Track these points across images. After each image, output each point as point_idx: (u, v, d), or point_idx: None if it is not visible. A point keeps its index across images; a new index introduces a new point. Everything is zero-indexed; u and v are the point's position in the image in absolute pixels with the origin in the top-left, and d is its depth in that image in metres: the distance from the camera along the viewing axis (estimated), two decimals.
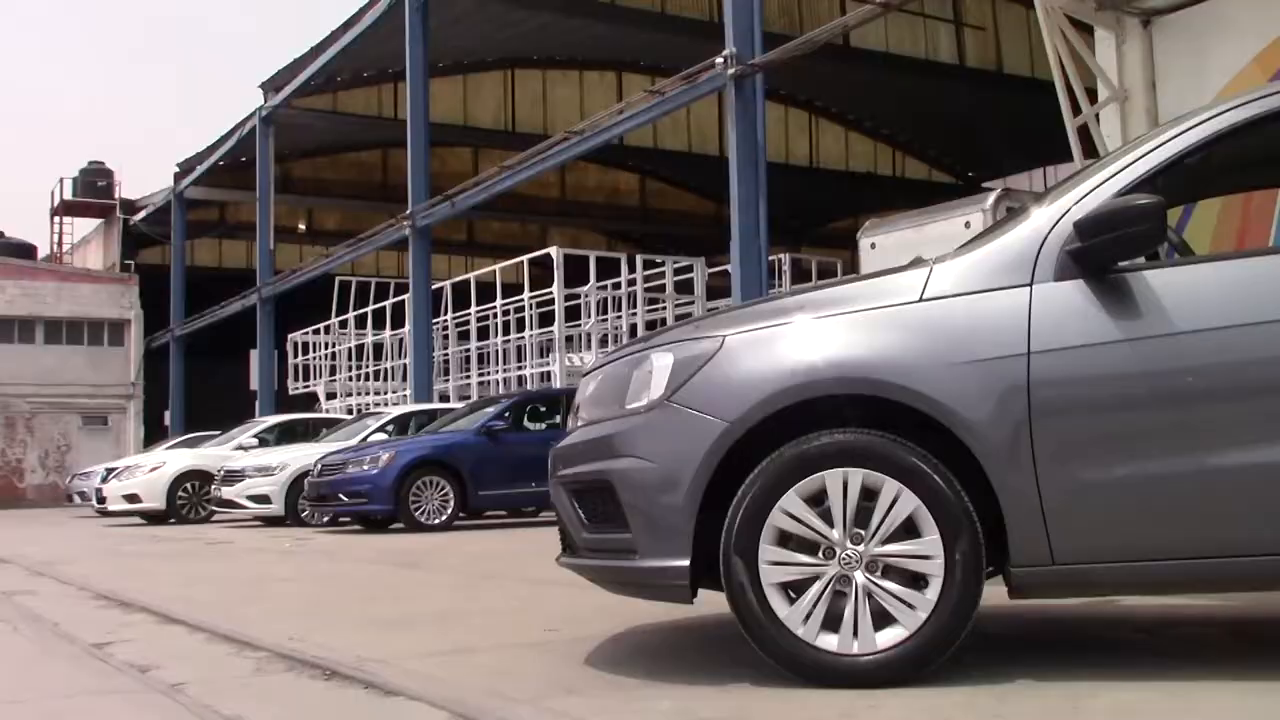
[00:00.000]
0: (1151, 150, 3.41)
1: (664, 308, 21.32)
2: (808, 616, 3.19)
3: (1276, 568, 3.14)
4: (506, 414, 13.72)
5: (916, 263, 3.59)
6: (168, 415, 34.74)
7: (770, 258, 15.79)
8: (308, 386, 29.81)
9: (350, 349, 28.19)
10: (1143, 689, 3.11)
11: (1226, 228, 8.06)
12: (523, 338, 22.42)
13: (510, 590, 6.51)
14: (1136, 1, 9.04)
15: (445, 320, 24.85)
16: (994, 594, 3.35)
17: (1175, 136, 3.42)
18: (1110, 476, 3.15)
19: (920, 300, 3.34)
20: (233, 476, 15.43)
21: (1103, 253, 3.22)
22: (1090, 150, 9.04)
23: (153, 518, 17.67)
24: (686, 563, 3.30)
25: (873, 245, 9.85)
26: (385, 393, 26.89)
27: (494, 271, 22.53)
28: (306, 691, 3.61)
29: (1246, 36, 8.36)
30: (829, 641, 3.18)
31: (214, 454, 17.89)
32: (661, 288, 21.37)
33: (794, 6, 28.48)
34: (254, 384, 30.63)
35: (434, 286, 23.24)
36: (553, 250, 20.57)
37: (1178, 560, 3.17)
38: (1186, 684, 3.17)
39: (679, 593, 3.36)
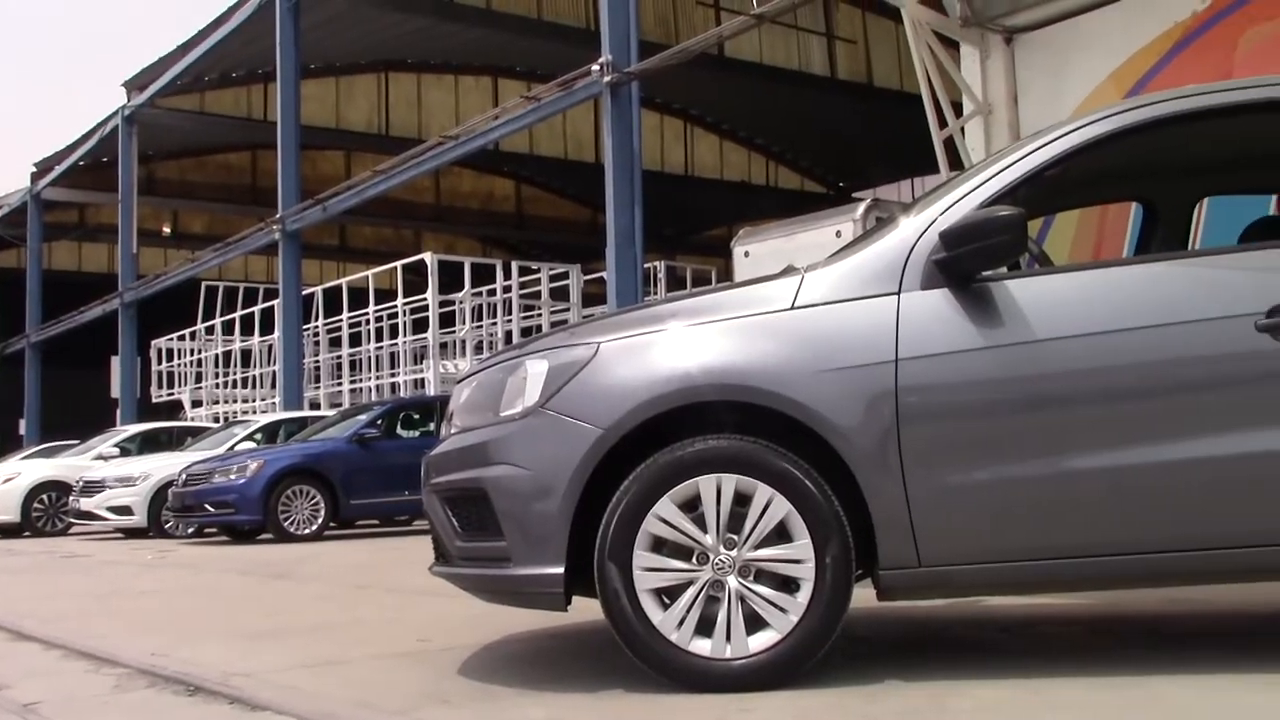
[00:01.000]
0: (1013, 163, 3.51)
1: (539, 314, 21.25)
2: (681, 622, 3.21)
3: (1131, 567, 3.26)
4: (379, 421, 13.54)
5: (788, 271, 3.64)
6: (23, 424, 33.44)
7: (645, 265, 15.86)
8: (172, 394, 28.98)
9: (217, 355, 27.49)
10: (1005, 686, 3.20)
11: (1084, 239, 8.34)
12: (396, 344, 22.12)
13: (382, 600, 6.42)
14: (1000, 19, 9.31)
15: (316, 326, 24.41)
16: (863, 596, 3.41)
17: (1035, 150, 3.53)
18: (974, 480, 3.23)
19: (792, 308, 3.39)
20: (92, 487, 14.91)
21: (967, 262, 3.30)
22: (956, 162, 9.28)
23: (6, 531, 16.97)
24: (561, 570, 3.29)
25: (746, 253, 9.97)
26: (254, 400, 26.28)
27: (367, 277, 22.20)
28: (169, 708, 3.51)
29: (1103, 55, 8.67)
30: (702, 646, 3.20)
31: (72, 464, 17.26)
32: (537, 294, 21.30)
33: (670, 16, 28.67)
34: (115, 392, 29.65)
35: (305, 292, 22.81)
36: (427, 256, 20.36)
37: (1038, 561, 3.27)
38: (1046, 680, 3.26)
39: (553, 600, 3.35)
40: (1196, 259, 3.81)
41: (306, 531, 12.57)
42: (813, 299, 3.40)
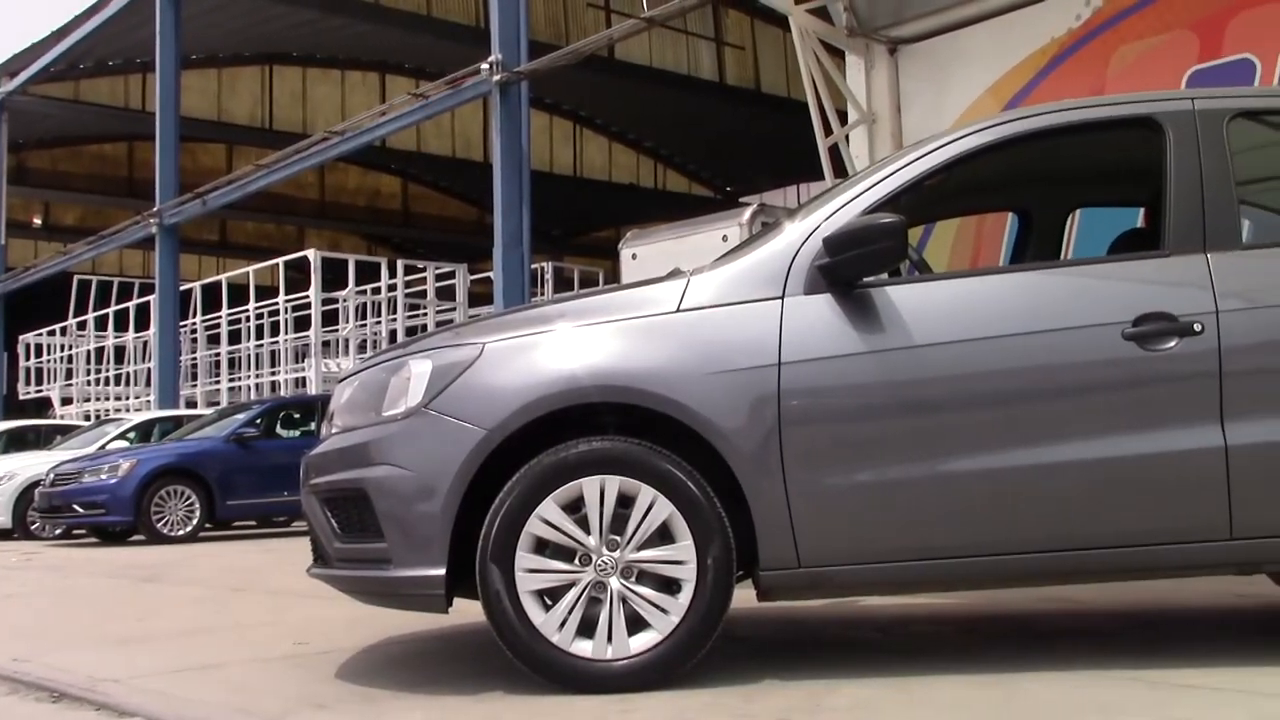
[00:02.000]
0: (895, 172, 3.58)
1: (425, 314, 21.05)
2: (563, 623, 3.21)
3: (1005, 567, 3.35)
4: (258, 421, 13.28)
5: (675, 274, 3.66)
6: None
7: (533, 266, 15.80)
8: (41, 391, 28.03)
9: (89, 352, 26.66)
10: (880, 684, 3.26)
11: (962, 247, 8.54)
12: (277, 342, 21.70)
13: (259, 603, 6.29)
14: (884, 30, 9.48)
15: (194, 323, 23.83)
16: (743, 597, 3.45)
17: (916, 160, 3.60)
18: (853, 482, 3.29)
19: (677, 311, 3.41)
20: None
21: (849, 268, 3.36)
22: (840, 169, 9.43)
23: None
24: (442, 572, 3.26)
25: (634, 255, 9.99)
26: (127, 398, 25.55)
27: (248, 273, 21.74)
28: (30, 716, 3.39)
29: (982, 68, 8.89)
30: (584, 648, 3.20)
31: None
32: (423, 293, 21.09)
33: (560, 17, 28.64)
34: None
35: (183, 287, 22.25)
36: (310, 253, 20.02)
37: (916, 561, 3.33)
38: (920, 678, 3.33)
39: (434, 602, 3.32)
40: (1068, 268, 3.92)
41: (180, 533, 12.27)
42: (698, 302, 3.42)
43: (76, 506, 12.40)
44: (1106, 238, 4.55)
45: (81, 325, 26.85)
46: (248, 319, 22.39)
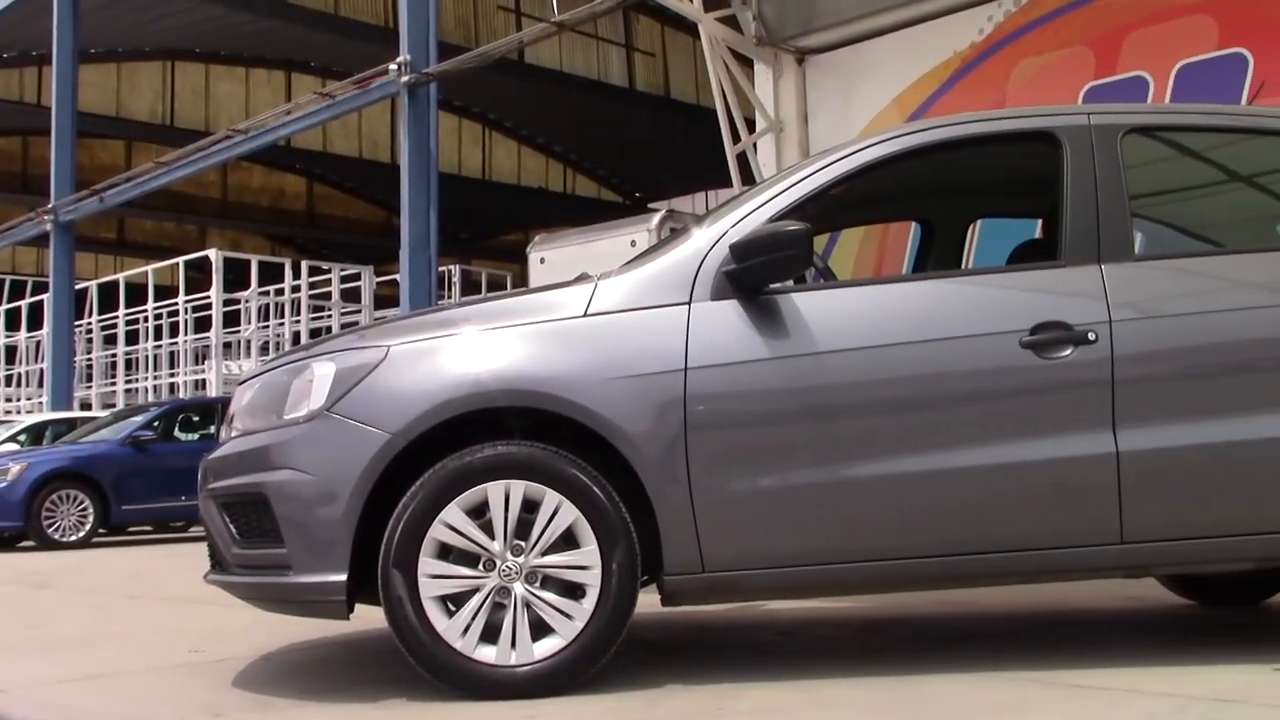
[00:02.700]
0: (801, 180, 3.62)
1: (329, 316, 20.78)
2: (466, 629, 3.18)
3: (906, 571, 3.40)
4: (155, 423, 12.99)
5: (582, 278, 3.66)
6: None
7: (440, 268, 15.69)
8: None
9: None
10: (782, 688, 3.29)
11: (867, 255, 8.67)
12: (176, 343, 21.27)
13: (154, 610, 6.15)
14: (792, 40, 9.60)
15: (90, 323, 23.24)
16: (648, 602, 3.45)
17: (822, 168, 3.65)
18: (758, 487, 3.31)
19: (585, 315, 3.41)
20: None
21: (755, 274, 3.38)
22: (748, 176, 9.51)
23: None
24: (344, 577, 3.22)
25: (542, 260, 9.95)
26: (18, 400, 24.83)
27: (146, 272, 21.28)
28: None
29: (888, 79, 9.04)
30: (487, 654, 3.18)
31: None
32: (327, 295, 20.83)
33: (470, 19, 28.48)
34: None
35: (78, 286, 21.69)
36: (211, 252, 19.66)
37: (820, 566, 3.37)
38: (822, 681, 3.37)
39: (335, 608, 3.28)
40: (969, 278, 4.00)
41: (73, 539, 11.95)
42: (605, 307, 3.42)
43: None
44: (1006, 248, 4.65)
45: None
46: (146, 319, 21.91)
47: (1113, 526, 3.37)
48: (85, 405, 21.78)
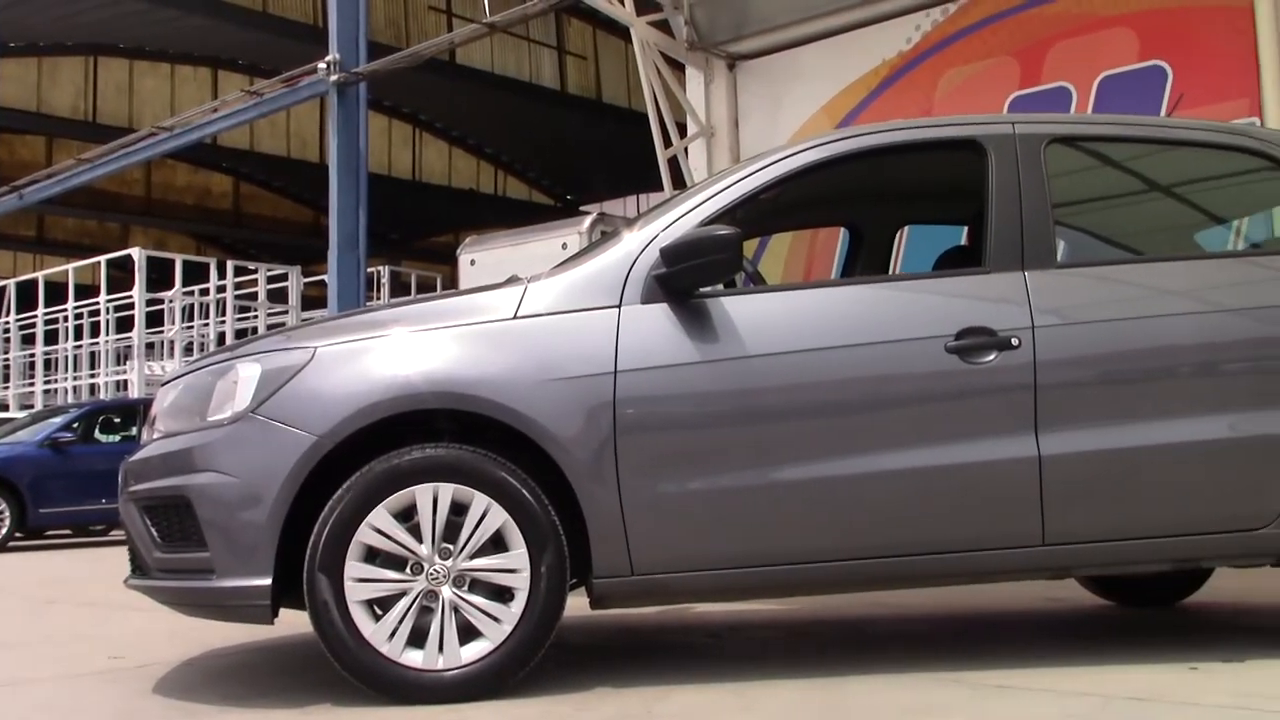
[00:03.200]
0: (731, 185, 3.64)
1: (255, 317, 20.51)
2: (393, 633, 3.16)
3: (835, 573, 3.43)
4: (75, 425, 12.75)
5: (512, 280, 3.65)
6: None
7: (369, 269, 15.54)
8: None
9: None
10: (711, 690, 3.30)
11: (796, 260, 8.74)
12: (97, 343, 20.86)
13: (73, 615, 6.02)
14: (723, 45, 9.65)
15: (7, 322, 22.73)
16: (577, 605, 3.45)
17: (752, 173, 3.67)
18: (687, 490, 3.32)
19: (514, 318, 3.40)
20: None
21: (685, 278, 3.39)
22: (679, 180, 9.54)
23: None
24: (268, 581, 3.18)
25: (472, 261, 9.93)
26: None
27: (67, 271, 20.85)
28: None
29: (818, 86, 9.13)
30: (414, 658, 3.16)
31: None
32: (254, 296, 20.56)
33: (401, 19, 28.29)
34: None
35: None
36: (134, 251, 19.32)
37: (750, 568, 3.39)
38: (751, 684, 3.38)
39: (259, 613, 3.23)
40: (896, 283, 4.04)
41: None
42: (535, 309, 3.42)
43: None
44: (932, 254, 4.71)
45: None
46: (66, 319, 21.47)
47: (1035, 529, 3.42)
48: (2, 406, 21.29)
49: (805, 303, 3.63)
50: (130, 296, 19.16)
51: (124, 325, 20.05)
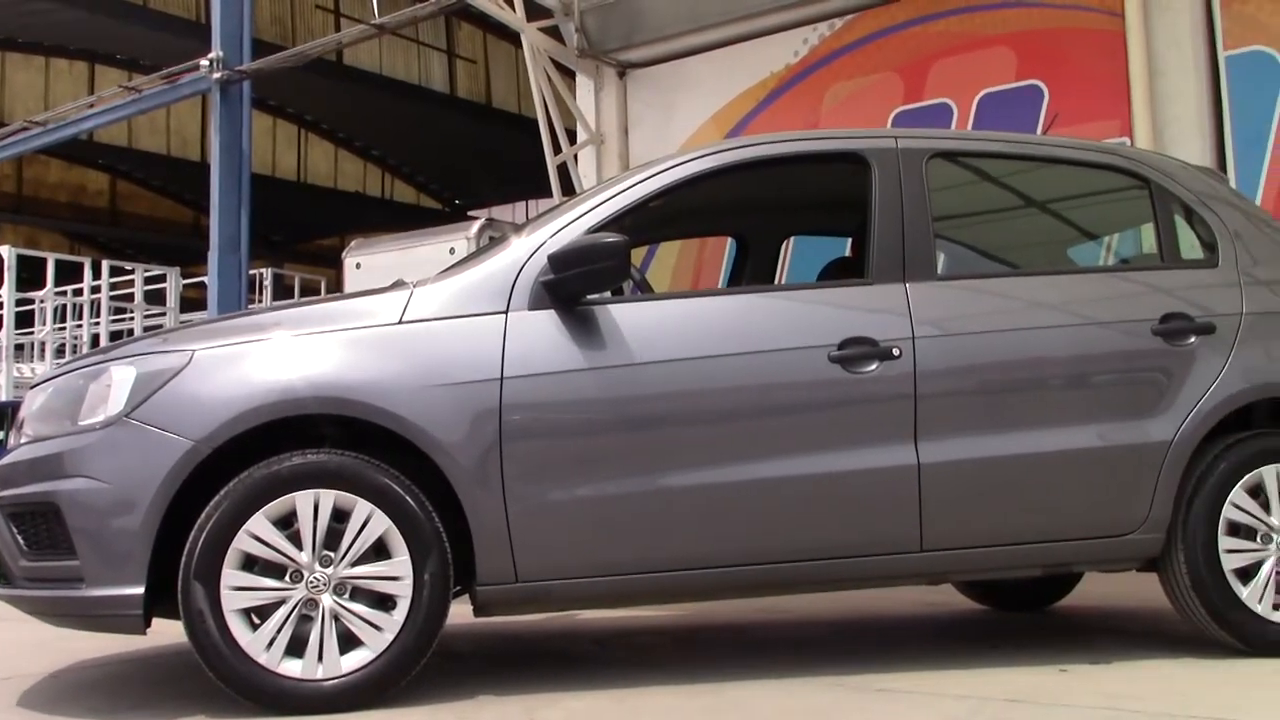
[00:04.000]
0: (620, 192, 3.65)
1: (132, 318, 19.95)
2: (271, 642, 3.09)
3: (718, 579, 3.46)
4: None
5: (398, 285, 3.61)
6: None
7: (251, 272, 15.23)
8: None
9: None
10: (595, 697, 3.30)
11: (684, 268, 8.80)
12: None
13: None
14: (614, 53, 9.68)
15: None
16: (460, 612, 3.42)
17: (641, 181, 3.69)
18: (573, 497, 3.32)
19: (400, 322, 3.37)
20: None
21: (572, 285, 3.39)
22: (568, 187, 9.54)
23: None
24: (141, 591, 3.09)
25: (358, 265, 9.82)
26: None
27: None
28: None
29: (706, 96, 9.21)
30: (292, 668, 3.10)
31: None
32: (130, 297, 19.99)
33: (287, 17, 27.81)
34: None
35: None
36: (4, 249, 18.65)
37: (635, 575, 3.39)
38: (635, 690, 3.39)
39: (131, 623, 3.14)
40: (781, 293, 4.10)
41: None
42: (421, 314, 3.38)
43: None
44: (817, 265, 4.78)
45: None
46: None
47: (914, 536, 3.50)
48: None
49: (692, 311, 3.65)
50: None
51: None
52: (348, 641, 3.14)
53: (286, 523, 3.15)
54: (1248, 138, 7.07)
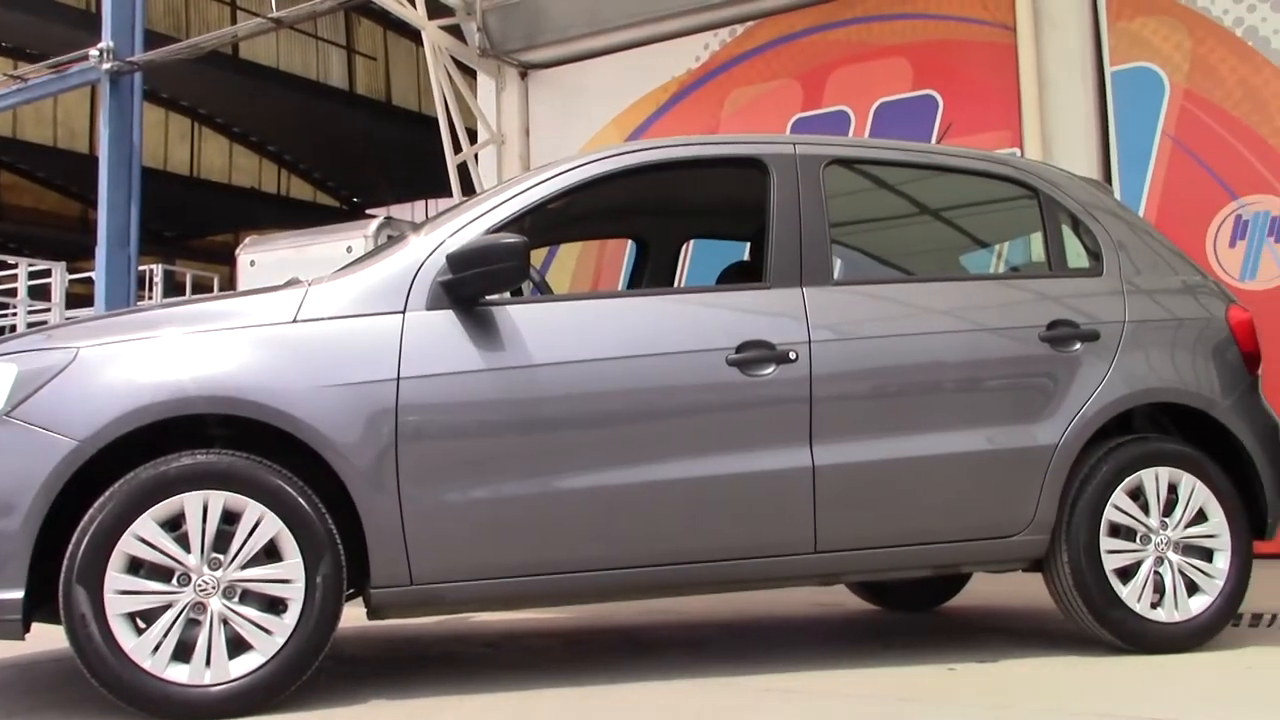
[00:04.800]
0: (520, 193, 3.64)
1: (14, 314, 19.34)
2: (157, 647, 3.02)
3: (612, 581, 3.46)
4: None
5: (293, 283, 3.56)
6: None
7: (141, 268, 14.86)
8: None
9: None
10: (487, 700, 3.28)
11: (584, 270, 8.79)
12: None
13: None
14: (515, 54, 9.63)
15: None
16: (353, 615, 3.38)
17: (541, 182, 3.68)
18: (468, 499, 3.30)
19: (294, 321, 3.32)
20: None
21: (471, 286, 3.37)
22: (469, 187, 9.47)
23: None
24: (20, 595, 3.00)
25: (252, 262, 9.65)
26: None
27: None
28: None
29: (608, 98, 9.21)
30: (179, 673, 3.03)
31: None
32: (13, 292, 19.37)
33: (181, 8, 27.19)
34: None
35: None
36: None
37: (527, 577, 3.38)
38: (527, 692, 3.38)
39: (9, 628, 3.04)
40: (680, 296, 4.12)
41: None
42: (316, 313, 3.34)
43: None
44: (716, 268, 4.82)
45: None
46: None
47: (808, 537, 3.54)
48: None
49: (591, 313, 3.65)
50: None
51: None
52: (237, 646, 3.09)
53: (174, 525, 3.08)
54: (1132, 150, 7.28)
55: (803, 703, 3.21)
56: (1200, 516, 3.86)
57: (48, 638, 3.24)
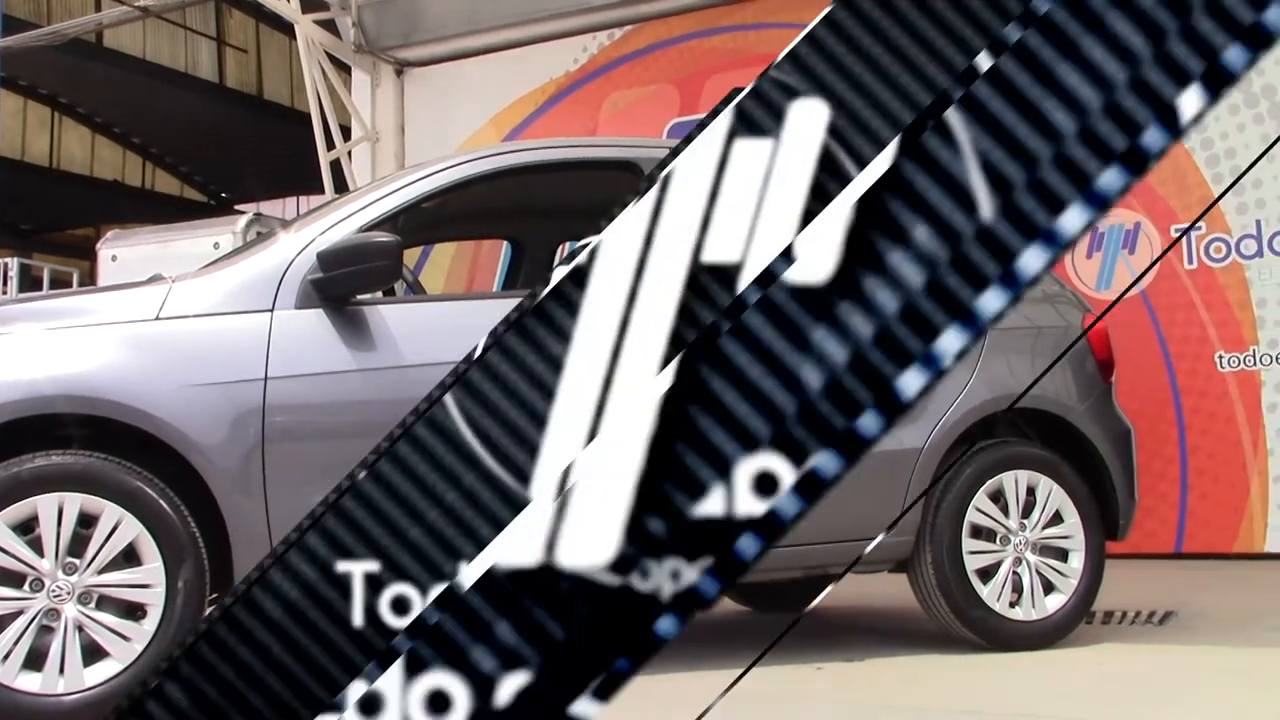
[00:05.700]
0: (394, 192, 3.60)
1: None
2: (7, 655, 2.91)
3: None
4: None
5: (156, 279, 3.47)
6: None
7: None
8: None
9: None
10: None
11: (459, 271, 8.73)
12: None
13: None
14: (391, 50, 9.52)
15: None
16: None
17: (416, 181, 3.65)
18: None
19: (157, 319, 3.23)
20: None
21: (342, 285, 3.33)
22: (342, 185, 9.33)
23: None
24: None
25: (114, 257, 9.35)
26: None
27: None
28: None
29: (486, 98, 9.16)
30: (30, 682, 2.92)
31: None
32: None
33: None
34: None
35: None
36: None
37: None
38: None
39: None
40: None
41: None
42: (180, 311, 3.26)
43: None
44: None
45: None
46: None
47: None
48: None
49: (465, 314, 3.65)
50: None
51: None
52: (93, 653, 2.99)
53: (27, 528, 2.98)
54: None
55: (666, 704, 3.22)
56: (1057, 518, 4.00)
57: None
